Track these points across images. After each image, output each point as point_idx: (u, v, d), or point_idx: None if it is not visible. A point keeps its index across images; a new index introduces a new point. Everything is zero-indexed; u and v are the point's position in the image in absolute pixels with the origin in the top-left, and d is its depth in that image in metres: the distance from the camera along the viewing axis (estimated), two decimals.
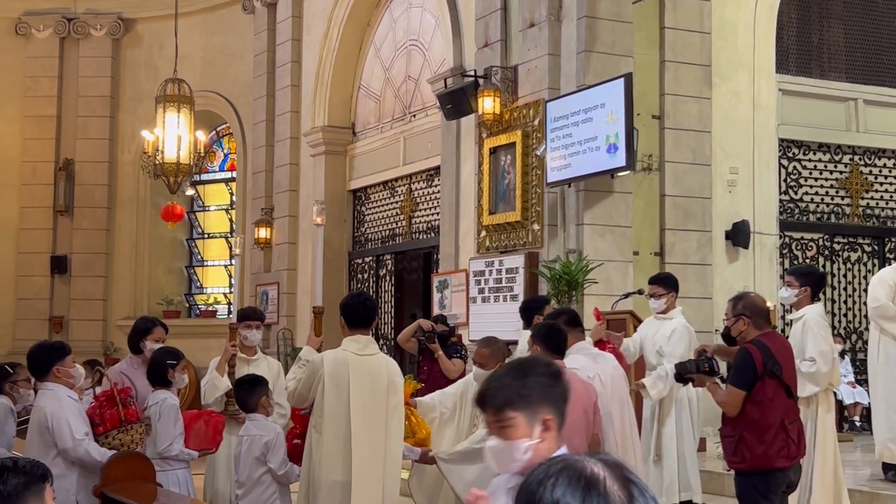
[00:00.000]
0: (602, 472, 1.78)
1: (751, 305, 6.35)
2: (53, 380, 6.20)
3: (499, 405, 2.99)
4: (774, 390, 6.17)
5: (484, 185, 12.23)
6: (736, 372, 6.24)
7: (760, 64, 12.55)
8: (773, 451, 6.14)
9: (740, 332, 6.30)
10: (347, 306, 6.28)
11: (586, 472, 1.78)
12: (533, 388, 3.00)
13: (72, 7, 19.90)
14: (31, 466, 3.27)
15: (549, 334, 6.19)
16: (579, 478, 1.77)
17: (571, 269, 10.75)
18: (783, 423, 6.17)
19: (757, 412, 6.14)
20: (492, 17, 12.36)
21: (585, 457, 1.82)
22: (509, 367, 3.18)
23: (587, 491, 1.75)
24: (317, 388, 6.05)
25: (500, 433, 2.99)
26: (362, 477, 6.04)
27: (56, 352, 6.40)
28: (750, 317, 6.27)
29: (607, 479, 1.77)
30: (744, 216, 12.24)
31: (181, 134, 14.12)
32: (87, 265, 19.48)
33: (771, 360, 6.14)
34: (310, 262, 16.44)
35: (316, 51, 16.73)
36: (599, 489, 1.75)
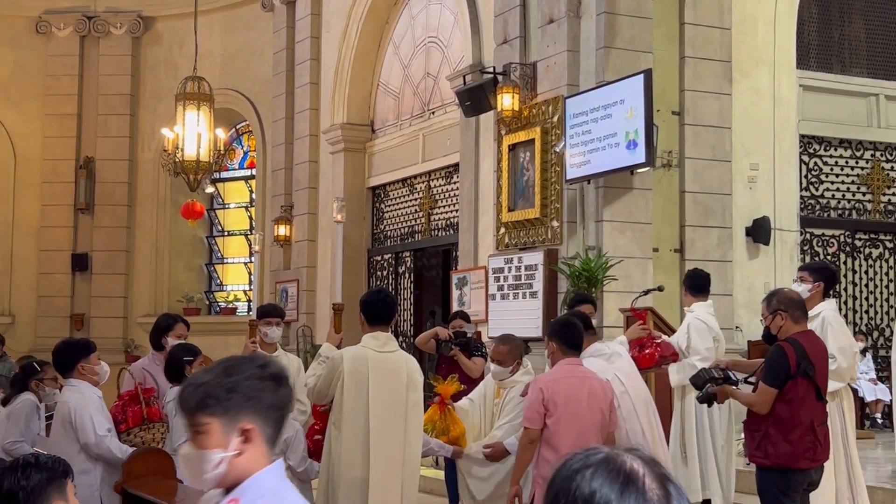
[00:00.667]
0: (641, 469, 1.74)
1: (786, 300, 6.29)
2: (78, 376, 6.24)
3: (192, 408, 2.58)
4: (805, 390, 6.11)
5: (503, 182, 12.22)
6: (769, 370, 6.17)
7: (781, 59, 12.49)
8: (800, 451, 6.09)
9: (780, 327, 6.23)
10: (367, 303, 6.28)
11: (625, 466, 1.73)
12: (234, 392, 2.57)
13: (92, 5, 19.98)
14: (52, 462, 3.31)
15: (564, 329, 6.19)
16: (618, 472, 1.73)
17: (591, 265, 10.72)
18: (812, 425, 6.12)
19: (786, 411, 6.09)
20: (511, 13, 12.34)
21: (623, 451, 1.77)
22: (217, 364, 2.70)
23: (625, 486, 1.71)
24: (336, 384, 6.06)
25: (194, 440, 2.59)
26: (381, 473, 6.04)
27: (81, 349, 6.45)
28: (787, 310, 6.22)
29: (646, 476, 1.73)
30: (764, 212, 12.19)
31: (201, 132, 14.14)
32: (107, 263, 19.57)
33: (805, 360, 6.09)
34: (329, 259, 16.45)
35: (335, 48, 16.74)
36: (638, 485, 1.71)
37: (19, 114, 19.83)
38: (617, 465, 1.74)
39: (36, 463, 3.33)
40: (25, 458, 3.38)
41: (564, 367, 6.08)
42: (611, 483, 1.71)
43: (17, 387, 7.85)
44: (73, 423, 6.00)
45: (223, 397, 2.55)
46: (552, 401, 5.90)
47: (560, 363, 6.10)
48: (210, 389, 2.57)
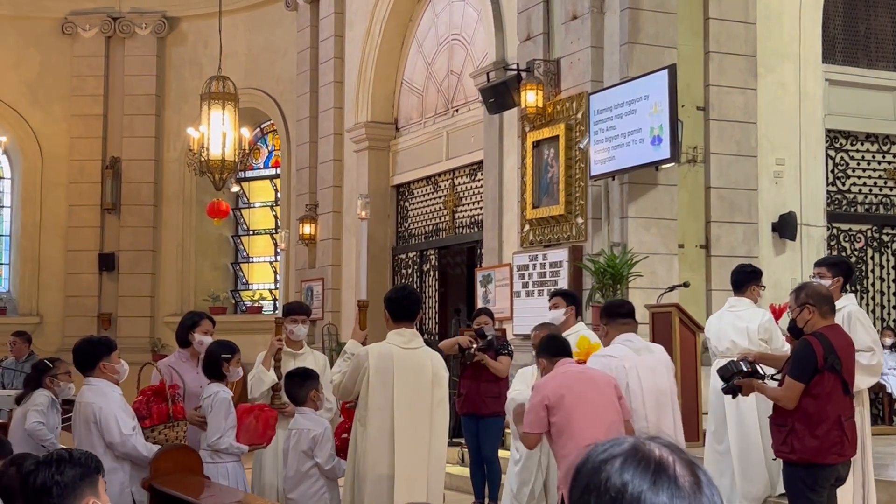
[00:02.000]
0: (670, 456, 1.71)
1: (814, 294, 6.26)
2: (99, 374, 6.26)
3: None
4: (832, 385, 6.07)
5: (527, 179, 12.20)
6: (795, 364, 6.14)
7: (806, 54, 12.41)
8: (826, 446, 6.05)
9: (806, 321, 6.20)
10: (392, 300, 6.30)
11: (654, 454, 1.70)
12: None
13: (117, 6, 20.09)
14: (85, 458, 3.33)
15: (547, 345, 6.31)
16: (648, 461, 1.69)
17: (616, 262, 10.69)
18: (839, 419, 6.08)
19: (813, 405, 6.05)
20: (534, 10, 12.32)
21: (647, 439, 1.74)
22: None
23: (657, 475, 1.68)
24: (362, 381, 6.07)
25: None
26: (406, 470, 6.05)
27: (102, 347, 6.46)
28: (815, 304, 6.18)
29: (676, 463, 1.70)
30: (790, 208, 12.11)
31: (226, 131, 14.18)
32: (134, 262, 19.68)
33: (832, 355, 6.05)
34: (354, 257, 16.48)
35: (358, 47, 16.77)
36: (669, 473, 1.68)
37: (46, 115, 19.97)
38: (645, 454, 1.71)
39: (70, 458, 3.35)
40: (59, 453, 3.41)
41: (559, 368, 6.15)
42: (642, 473, 1.68)
43: (31, 385, 7.89)
44: (98, 422, 6.01)
45: None
46: (556, 395, 5.91)
47: (555, 367, 6.18)
48: None
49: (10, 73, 19.58)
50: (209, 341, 7.21)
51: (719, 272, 11.34)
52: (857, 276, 12.46)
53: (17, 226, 20.10)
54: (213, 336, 7.40)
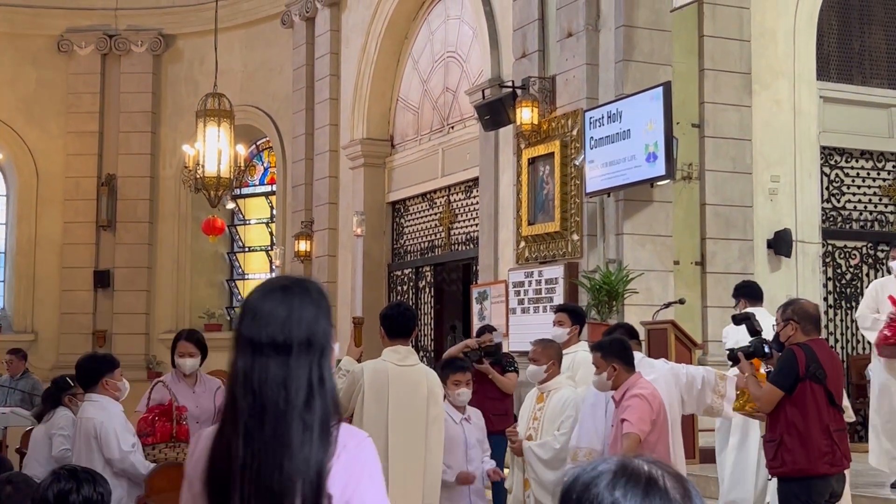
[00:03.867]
0: (658, 471, 1.72)
1: (800, 311, 6.30)
2: (101, 391, 6.24)
3: None
4: (816, 395, 6.11)
5: (523, 196, 12.21)
6: (777, 371, 6.21)
7: (801, 71, 12.44)
8: (816, 456, 6.07)
9: (788, 337, 6.25)
10: (387, 316, 6.29)
11: (644, 469, 1.71)
12: None
13: (113, 24, 20.12)
14: (102, 478, 3.36)
15: (624, 350, 6.28)
16: (639, 476, 1.70)
17: (611, 279, 10.69)
18: (827, 429, 6.10)
19: (798, 416, 6.09)
20: (529, 27, 12.36)
21: (632, 457, 1.75)
22: None
23: (648, 489, 1.69)
24: (356, 397, 6.06)
25: None
26: (401, 488, 6.02)
27: (106, 364, 6.44)
28: (798, 322, 6.23)
29: (665, 477, 1.71)
30: (786, 225, 12.13)
31: (222, 148, 14.20)
32: (129, 279, 19.64)
33: (815, 364, 6.10)
34: (349, 274, 16.47)
35: (354, 64, 16.80)
36: (660, 486, 1.70)
37: (42, 132, 19.97)
38: (634, 469, 1.71)
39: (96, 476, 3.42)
40: (85, 469, 3.47)
41: (642, 381, 6.16)
42: (633, 488, 1.68)
43: (49, 401, 7.89)
44: (98, 438, 5.99)
45: None
46: (657, 410, 5.99)
47: (633, 377, 6.17)
48: None
49: (6, 90, 19.59)
50: (190, 364, 7.06)
51: (715, 289, 11.36)
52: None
53: (13, 243, 20.07)
54: (194, 356, 7.18)
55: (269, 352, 2.46)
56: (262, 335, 2.46)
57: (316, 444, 2.43)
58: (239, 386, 2.46)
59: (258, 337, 2.47)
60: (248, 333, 2.48)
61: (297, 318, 2.49)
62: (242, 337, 2.49)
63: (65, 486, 3.53)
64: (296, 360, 2.46)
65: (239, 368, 2.47)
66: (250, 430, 2.42)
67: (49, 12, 19.82)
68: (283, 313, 2.48)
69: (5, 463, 5.76)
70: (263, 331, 2.47)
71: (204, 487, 2.46)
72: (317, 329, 2.50)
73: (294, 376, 2.45)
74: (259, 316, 2.48)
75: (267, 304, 2.50)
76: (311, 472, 2.40)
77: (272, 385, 2.44)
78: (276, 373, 2.44)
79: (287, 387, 2.44)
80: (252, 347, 2.47)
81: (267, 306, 2.49)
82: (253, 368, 2.45)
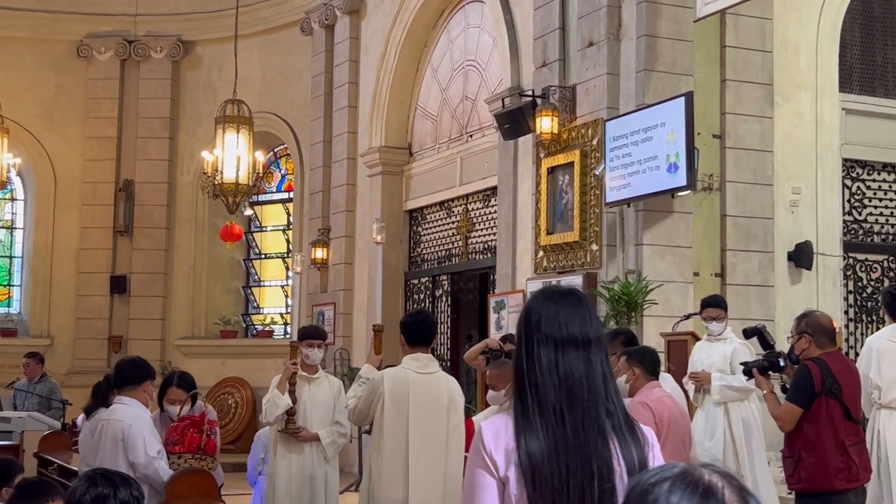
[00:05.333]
0: (719, 482, 1.71)
1: (814, 323, 6.26)
2: (138, 394, 6.19)
3: None
4: (832, 410, 6.07)
5: (541, 205, 12.16)
6: (794, 388, 6.17)
7: (823, 83, 12.38)
8: (832, 472, 6.03)
9: (802, 350, 6.21)
10: (407, 324, 6.26)
11: (703, 479, 1.71)
12: None
13: (132, 30, 20.17)
14: (136, 482, 3.35)
15: (648, 355, 6.24)
16: (696, 485, 1.70)
17: (630, 289, 10.63)
18: (843, 444, 6.05)
19: (814, 431, 6.05)
20: (550, 36, 12.32)
21: (699, 465, 1.75)
22: None
23: (705, 499, 1.69)
24: (376, 405, 6.03)
25: None
26: (421, 496, 5.99)
27: (148, 370, 6.44)
28: (812, 335, 6.19)
29: (725, 489, 1.70)
30: (806, 237, 12.05)
31: (240, 154, 14.19)
32: (146, 285, 19.65)
33: (830, 379, 6.05)
34: (366, 282, 16.46)
35: (373, 72, 16.79)
36: (717, 497, 1.69)
37: (60, 137, 20.02)
38: (694, 478, 1.71)
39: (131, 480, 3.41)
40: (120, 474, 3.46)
41: (656, 390, 6.11)
42: (690, 497, 1.68)
43: (99, 397, 7.89)
44: (125, 441, 5.96)
45: None
46: (660, 419, 5.91)
47: (647, 386, 6.11)
48: None
49: (26, 95, 19.63)
50: (176, 411, 6.93)
51: (735, 301, 11.27)
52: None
53: (30, 247, 20.12)
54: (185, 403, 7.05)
55: (570, 348, 2.79)
56: (564, 332, 2.81)
57: (627, 434, 2.76)
58: (545, 377, 2.77)
59: (560, 334, 2.81)
60: (549, 331, 2.81)
61: (589, 319, 2.86)
62: (543, 334, 2.81)
63: (102, 490, 3.50)
64: (593, 355, 2.81)
65: (544, 362, 2.79)
66: (559, 415, 2.72)
67: (69, 18, 19.88)
68: (578, 314, 2.84)
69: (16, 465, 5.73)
70: (564, 329, 2.81)
71: (522, 473, 2.68)
72: (600, 329, 2.89)
73: (593, 370, 2.80)
74: (557, 316, 2.83)
75: (561, 306, 2.85)
76: (635, 463, 2.70)
77: (576, 377, 2.77)
78: (577, 366, 2.79)
79: (588, 378, 2.78)
80: (556, 344, 2.80)
81: (562, 308, 2.84)
82: (558, 362, 2.79)
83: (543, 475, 2.66)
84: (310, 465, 7.79)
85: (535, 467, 2.66)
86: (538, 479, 2.66)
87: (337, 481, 8.17)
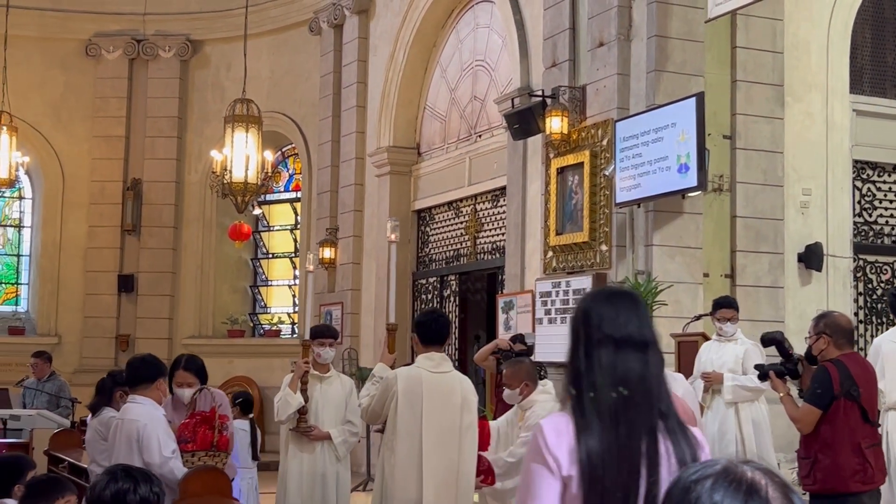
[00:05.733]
0: (762, 479, 1.69)
1: (832, 324, 6.24)
2: (151, 392, 6.15)
3: None
4: (850, 412, 6.05)
5: (551, 206, 12.15)
6: (812, 390, 6.14)
7: (834, 84, 12.35)
8: (847, 474, 6.01)
9: (821, 350, 6.18)
10: (421, 323, 6.25)
11: (746, 476, 1.69)
12: None
13: (141, 29, 20.17)
14: (156, 478, 3.34)
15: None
16: (740, 482, 1.68)
17: (640, 290, 10.60)
18: (859, 446, 6.04)
19: (830, 433, 6.03)
20: (560, 36, 12.30)
21: (740, 462, 1.73)
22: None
23: (749, 496, 1.66)
24: (390, 405, 6.01)
25: None
26: (434, 495, 5.98)
27: (163, 367, 6.40)
28: (831, 335, 6.16)
29: (769, 486, 1.68)
30: (817, 238, 12.02)
31: (249, 153, 14.18)
32: (153, 284, 19.65)
33: (848, 381, 6.03)
34: (374, 282, 16.45)
35: (382, 72, 16.78)
36: (762, 495, 1.67)
37: (68, 135, 20.03)
38: (737, 475, 1.69)
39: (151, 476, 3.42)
40: (141, 470, 3.46)
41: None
42: (733, 494, 1.66)
43: (104, 393, 7.88)
44: (140, 441, 5.92)
45: None
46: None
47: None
48: None
49: (34, 94, 19.65)
50: (189, 394, 6.79)
51: (745, 302, 11.23)
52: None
53: (37, 245, 20.13)
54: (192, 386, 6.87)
55: (628, 349, 2.82)
56: (623, 333, 2.83)
57: (680, 436, 2.77)
58: (604, 377, 2.79)
59: (620, 335, 2.82)
60: (609, 331, 2.83)
61: (646, 320, 2.91)
62: (604, 335, 2.83)
63: (122, 485, 3.49)
64: (650, 356, 2.84)
65: (604, 362, 2.80)
66: (615, 416, 2.72)
67: (78, 16, 19.89)
68: (636, 315, 2.87)
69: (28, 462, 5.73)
70: (623, 330, 2.83)
71: (584, 472, 2.70)
72: (655, 331, 2.90)
73: (649, 371, 2.81)
74: (617, 317, 2.84)
75: (620, 307, 2.87)
76: (688, 459, 2.71)
77: (633, 378, 2.78)
78: (635, 367, 2.80)
79: (645, 379, 2.79)
80: (615, 344, 2.82)
81: (621, 309, 2.87)
82: (616, 363, 2.80)
83: (597, 474, 2.68)
84: (321, 464, 7.79)
85: (592, 466, 2.70)
86: (592, 478, 2.68)
87: (349, 480, 8.17)
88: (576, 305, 3.00)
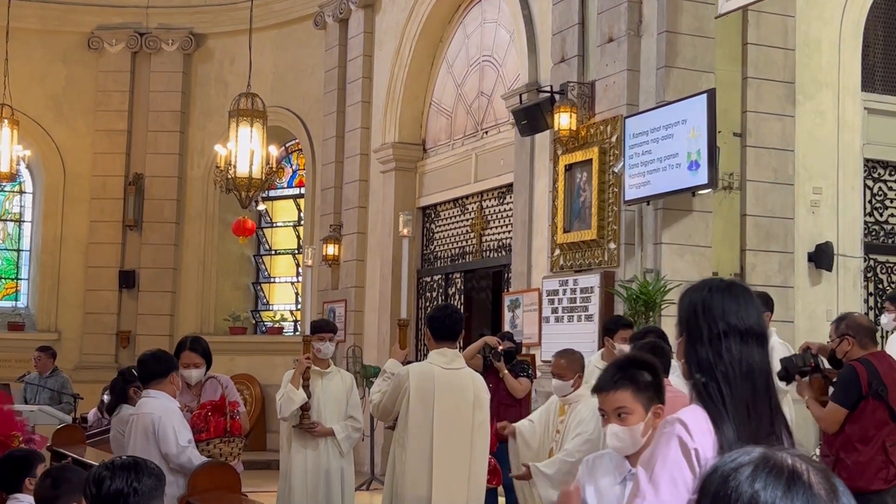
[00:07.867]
0: (803, 465, 1.62)
1: (854, 324, 6.19)
2: (165, 386, 6.10)
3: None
4: (877, 411, 6.01)
5: (558, 203, 12.03)
6: (839, 389, 6.08)
7: (845, 82, 12.23)
8: (871, 472, 5.98)
9: (845, 352, 6.13)
10: (434, 318, 6.16)
11: (787, 462, 1.63)
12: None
13: (144, 22, 20.06)
14: (157, 469, 3.25)
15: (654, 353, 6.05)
16: (781, 469, 1.61)
17: (649, 289, 10.50)
18: (883, 445, 6.00)
19: (856, 432, 6.00)
20: (569, 31, 12.18)
21: (778, 449, 1.66)
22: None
23: (791, 482, 1.59)
24: (402, 401, 5.92)
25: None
26: (445, 493, 5.89)
27: (172, 362, 6.37)
28: (854, 336, 6.11)
29: (810, 472, 1.61)
30: (827, 238, 11.91)
31: (254, 148, 14.06)
32: (155, 280, 19.53)
33: (877, 380, 5.97)
34: (378, 279, 16.34)
35: (387, 67, 16.66)
36: (804, 480, 1.60)
37: (70, 129, 19.90)
38: (777, 462, 1.63)
39: (146, 467, 3.37)
40: (135, 460, 3.39)
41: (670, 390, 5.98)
42: (775, 481, 1.59)
43: (117, 393, 7.83)
44: (156, 433, 5.88)
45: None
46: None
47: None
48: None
49: (35, 87, 19.52)
50: (196, 375, 6.80)
51: None
52: None
53: (38, 241, 20.01)
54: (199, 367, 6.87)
55: (751, 340, 2.84)
56: (746, 325, 2.86)
57: (787, 430, 2.81)
58: (735, 368, 2.81)
59: (744, 326, 2.85)
60: (734, 322, 2.85)
61: (761, 312, 2.94)
62: (728, 325, 2.84)
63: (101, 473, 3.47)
64: (766, 348, 2.89)
65: (734, 352, 2.82)
66: (746, 408, 2.74)
67: (80, 9, 19.77)
68: (753, 307, 2.90)
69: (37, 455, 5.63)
70: (746, 322, 2.86)
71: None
72: (766, 324, 2.93)
73: (766, 363, 2.87)
74: (739, 309, 2.87)
75: (739, 299, 2.90)
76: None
77: (757, 369, 2.83)
78: (757, 359, 2.85)
79: (765, 371, 2.85)
80: (741, 335, 2.84)
81: (740, 301, 2.89)
82: (742, 354, 2.83)
83: None
84: (325, 460, 7.71)
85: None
86: None
87: (352, 476, 8.08)
88: (684, 298, 3.03)
